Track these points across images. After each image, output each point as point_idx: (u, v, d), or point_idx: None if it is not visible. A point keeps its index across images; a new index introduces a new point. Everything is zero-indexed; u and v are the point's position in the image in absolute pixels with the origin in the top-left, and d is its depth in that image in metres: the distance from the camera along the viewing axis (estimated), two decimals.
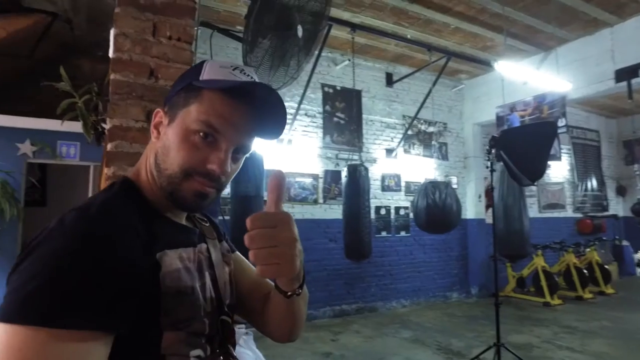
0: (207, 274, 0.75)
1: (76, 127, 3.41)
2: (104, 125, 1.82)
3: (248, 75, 0.71)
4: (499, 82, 6.38)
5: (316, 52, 4.38)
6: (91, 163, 3.58)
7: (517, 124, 6.60)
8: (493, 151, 3.74)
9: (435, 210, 4.96)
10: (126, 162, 1.37)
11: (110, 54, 1.46)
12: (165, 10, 1.48)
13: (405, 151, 6.95)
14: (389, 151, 6.74)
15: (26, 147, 3.27)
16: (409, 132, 6.87)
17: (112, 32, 1.54)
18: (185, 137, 0.69)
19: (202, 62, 0.73)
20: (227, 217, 4.26)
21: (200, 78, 0.69)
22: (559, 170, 8.97)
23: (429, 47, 5.32)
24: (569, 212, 9.12)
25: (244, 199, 3.98)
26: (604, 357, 4.24)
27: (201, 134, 0.68)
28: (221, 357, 0.72)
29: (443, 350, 4.59)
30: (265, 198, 4.68)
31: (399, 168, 6.85)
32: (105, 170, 1.35)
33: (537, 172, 3.56)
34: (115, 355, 0.55)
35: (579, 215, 9.27)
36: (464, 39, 5.92)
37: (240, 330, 1.68)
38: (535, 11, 5.10)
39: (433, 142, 7.31)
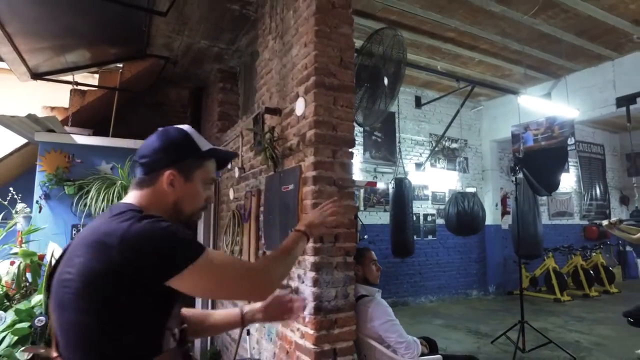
0: None
1: None
2: (271, 153, 2.77)
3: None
4: (515, 104, 7.28)
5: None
6: None
7: (530, 141, 7.54)
8: (517, 167, 4.68)
9: (465, 216, 5.89)
10: (325, 182, 2.32)
11: (307, 116, 2.42)
12: (339, 89, 2.44)
13: (432, 165, 7.89)
14: (418, 165, 7.68)
15: None
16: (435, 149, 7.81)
17: (301, 100, 2.50)
18: (204, 187, 1.12)
19: (187, 134, 1.10)
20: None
21: (202, 149, 1.10)
22: (566, 181, 9.86)
23: (458, 78, 6.27)
24: (576, 220, 10.02)
25: None
26: (608, 338, 5.13)
27: (211, 184, 1.16)
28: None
29: (473, 332, 5.50)
30: None
31: (426, 180, 7.78)
32: (312, 187, 2.30)
33: (552, 185, 4.50)
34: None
35: (585, 222, 10.16)
36: (486, 70, 6.89)
37: (373, 288, 2.62)
38: (548, 48, 6.06)
39: (458, 158, 8.25)
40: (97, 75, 4.98)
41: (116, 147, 4.02)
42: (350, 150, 2.44)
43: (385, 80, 3.46)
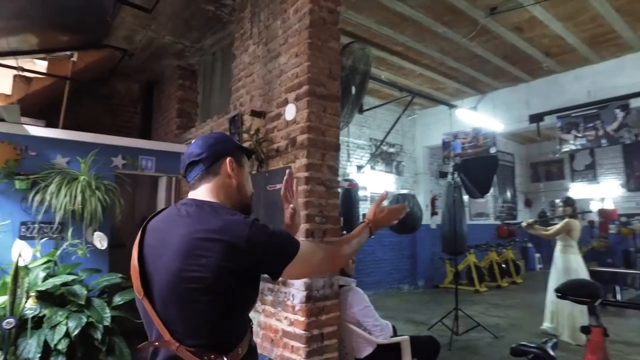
0: None
1: (153, 145, 4.34)
2: (259, 154, 2.93)
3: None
4: (446, 114, 8.05)
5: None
6: (164, 174, 4.47)
7: (458, 149, 8.36)
8: (455, 173, 5.27)
9: (406, 215, 6.38)
10: (315, 182, 2.55)
11: (299, 121, 2.63)
12: (328, 98, 2.68)
13: (372, 168, 8.41)
14: (359, 167, 8.15)
15: (118, 161, 4.10)
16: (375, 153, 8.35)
17: (291, 106, 2.70)
18: (249, 175, 1.32)
19: (226, 134, 1.37)
20: None
21: (242, 145, 1.35)
22: None
23: (401, 88, 6.81)
24: (491, 220, 11.26)
25: None
26: (519, 319, 5.99)
27: (250, 173, 1.66)
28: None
29: (411, 321, 6.04)
30: None
31: (365, 182, 8.27)
32: (304, 187, 2.52)
33: (485, 189, 5.16)
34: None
35: (498, 222, 11.45)
36: (424, 82, 7.55)
37: (350, 279, 2.90)
38: (478, 67, 6.83)
39: (394, 161, 8.87)
40: (38, 62, 4.67)
41: (73, 141, 3.83)
42: (335, 154, 2.69)
43: (353, 90, 3.76)
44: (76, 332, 2.77)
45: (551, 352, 1.64)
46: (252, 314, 2.85)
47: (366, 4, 4.89)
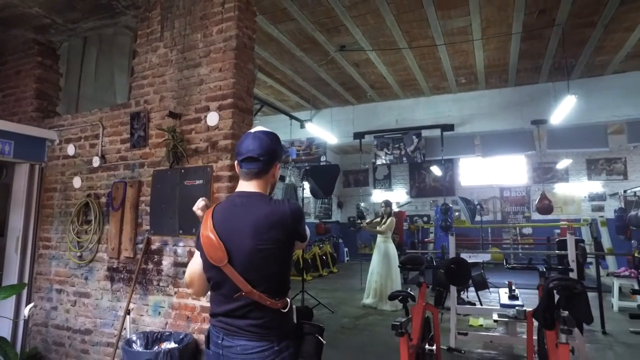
0: None
1: (12, 126, 3.94)
2: (181, 151, 3.20)
3: None
4: (285, 123, 9.05)
5: None
6: (25, 161, 3.95)
7: (294, 155, 9.54)
8: (305, 176, 6.26)
9: None
10: (236, 181, 3.04)
11: (222, 128, 3.07)
12: (245, 111, 3.19)
13: None
14: None
15: None
16: None
17: (214, 114, 3.12)
18: None
19: (278, 137, 1.63)
20: None
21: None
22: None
23: (254, 97, 7.48)
24: (312, 219, 12.92)
25: None
26: (344, 299, 7.42)
27: None
28: None
29: None
30: None
31: None
32: (228, 184, 2.98)
33: (329, 191, 6.30)
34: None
35: (317, 221, 13.22)
36: (271, 92, 8.42)
37: None
38: (319, 88, 8.08)
39: None
40: None
41: None
42: None
43: None
44: None
45: (412, 293, 2.63)
46: (162, 297, 3.12)
47: None
